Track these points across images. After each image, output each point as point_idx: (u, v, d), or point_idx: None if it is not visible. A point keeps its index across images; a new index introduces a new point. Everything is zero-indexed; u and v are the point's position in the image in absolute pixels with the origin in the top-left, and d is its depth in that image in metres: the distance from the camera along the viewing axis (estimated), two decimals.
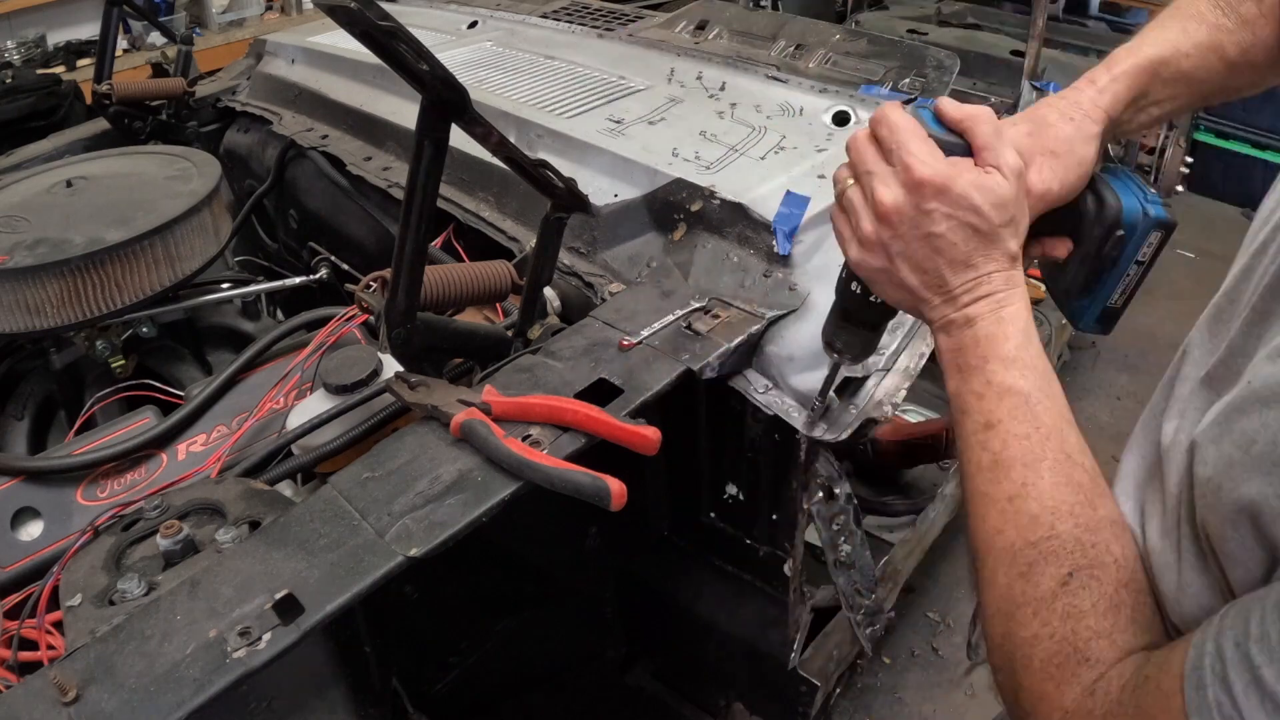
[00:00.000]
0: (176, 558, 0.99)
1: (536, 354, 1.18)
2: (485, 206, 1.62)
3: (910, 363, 1.26)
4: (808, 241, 1.33)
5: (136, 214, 1.49)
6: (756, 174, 1.45)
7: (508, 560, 1.33)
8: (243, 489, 1.09)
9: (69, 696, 0.77)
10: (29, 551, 1.15)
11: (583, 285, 1.42)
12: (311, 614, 0.83)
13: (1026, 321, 0.72)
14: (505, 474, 0.96)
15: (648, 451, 1.00)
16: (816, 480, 1.30)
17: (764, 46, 1.97)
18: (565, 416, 1.03)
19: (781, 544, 1.40)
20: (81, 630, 0.90)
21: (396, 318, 1.15)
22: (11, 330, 1.43)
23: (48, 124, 2.86)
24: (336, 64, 2.15)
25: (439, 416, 1.04)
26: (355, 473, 0.99)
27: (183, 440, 1.27)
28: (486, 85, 1.87)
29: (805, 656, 1.57)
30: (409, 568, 0.88)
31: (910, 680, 2.45)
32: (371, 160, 1.83)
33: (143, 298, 1.48)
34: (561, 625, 1.54)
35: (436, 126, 1.03)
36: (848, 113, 1.61)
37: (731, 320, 1.24)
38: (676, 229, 1.42)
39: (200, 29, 4.44)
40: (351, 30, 0.90)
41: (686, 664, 1.81)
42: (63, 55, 4.05)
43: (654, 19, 2.22)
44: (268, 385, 1.31)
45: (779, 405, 1.22)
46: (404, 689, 1.23)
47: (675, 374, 1.13)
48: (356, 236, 1.91)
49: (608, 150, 1.55)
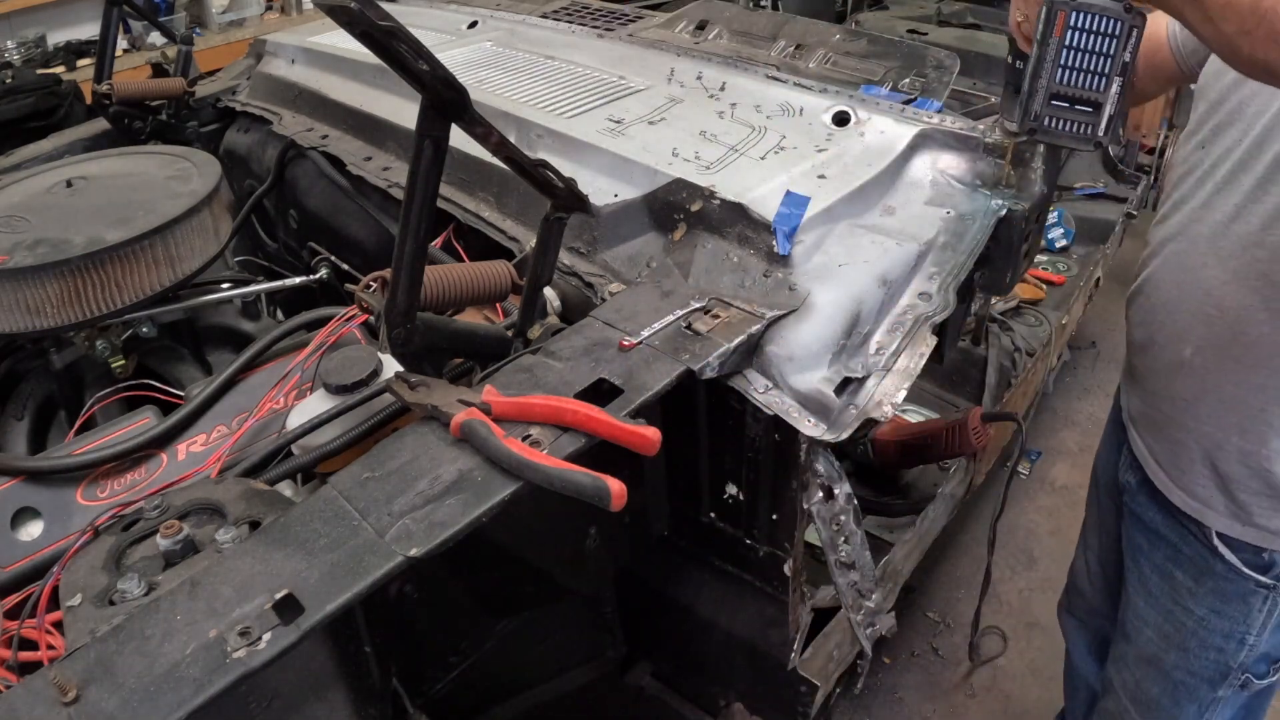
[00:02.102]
0: (176, 558, 0.99)
1: (536, 354, 1.18)
2: (485, 206, 1.62)
3: (910, 363, 1.26)
4: (808, 241, 1.33)
5: (136, 214, 1.49)
6: (756, 174, 1.45)
7: (508, 560, 1.33)
8: (243, 489, 1.09)
9: (69, 696, 0.77)
10: (29, 551, 1.15)
11: (583, 285, 1.42)
12: (311, 614, 0.83)
13: None
14: (505, 474, 0.96)
15: (647, 452, 1.00)
16: (816, 480, 1.30)
17: (764, 46, 1.97)
18: (565, 416, 1.03)
19: (781, 544, 1.40)
20: (81, 630, 0.90)
21: (396, 318, 1.15)
22: (11, 330, 1.43)
23: (48, 124, 2.86)
24: (336, 64, 2.15)
25: (439, 416, 1.04)
26: (355, 473, 0.99)
27: (183, 440, 1.27)
28: (486, 85, 1.87)
29: (805, 656, 1.57)
30: (409, 568, 0.88)
31: (910, 680, 2.46)
32: (371, 160, 1.84)
33: (143, 298, 1.48)
34: (561, 625, 1.54)
35: (436, 126, 1.03)
36: (848, 113, 1.61)
37: (731, 320, 1.24)
38: (676, 229, 1.42)
39: (200, 29, 4.45)
40: (351, 30, 0.90)
41: (686, 664, 1.81)
42: (63, 55, 4.05)
43: (654, 19, 2.22)
44: (268, 385, 1.31)
45: (779, 405, 1.21)
46: (404, 689, 1.23)
47: (675, 374, 1.13)
48: (356, 236, 1.91)
49: (608, 150, 1.55)
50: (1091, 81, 1.00)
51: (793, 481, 1.30)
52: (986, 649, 2.51)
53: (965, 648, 2.46)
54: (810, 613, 1.57)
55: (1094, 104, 1.01)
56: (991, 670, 2.49)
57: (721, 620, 1.58)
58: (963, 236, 1.38)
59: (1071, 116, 1.02)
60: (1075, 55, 0.98)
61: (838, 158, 1.50)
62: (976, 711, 2.39)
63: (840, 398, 1.21)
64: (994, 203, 1.42)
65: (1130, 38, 0.96)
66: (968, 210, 1.42)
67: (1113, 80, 0.99)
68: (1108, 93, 1.00)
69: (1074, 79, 1.00)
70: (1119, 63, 0.98)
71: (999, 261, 1.45)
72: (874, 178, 1.45)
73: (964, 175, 1.48)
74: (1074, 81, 1.00)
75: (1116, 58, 0.98)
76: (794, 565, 1.41)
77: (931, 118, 1.55)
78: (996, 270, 1.47)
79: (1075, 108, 1.01)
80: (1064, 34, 0.97)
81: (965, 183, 1.48)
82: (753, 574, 1.49)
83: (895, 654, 2.51)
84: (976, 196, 1.45)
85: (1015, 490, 2.56)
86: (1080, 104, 1.01)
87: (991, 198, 1.43)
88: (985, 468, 2.43)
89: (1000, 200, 1.42)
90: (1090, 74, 0.99)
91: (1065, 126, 1.03)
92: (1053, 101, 1.01)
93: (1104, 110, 1.01)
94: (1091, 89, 1.00)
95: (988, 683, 2.47)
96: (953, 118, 1.55)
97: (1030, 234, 1.47)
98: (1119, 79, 0.99)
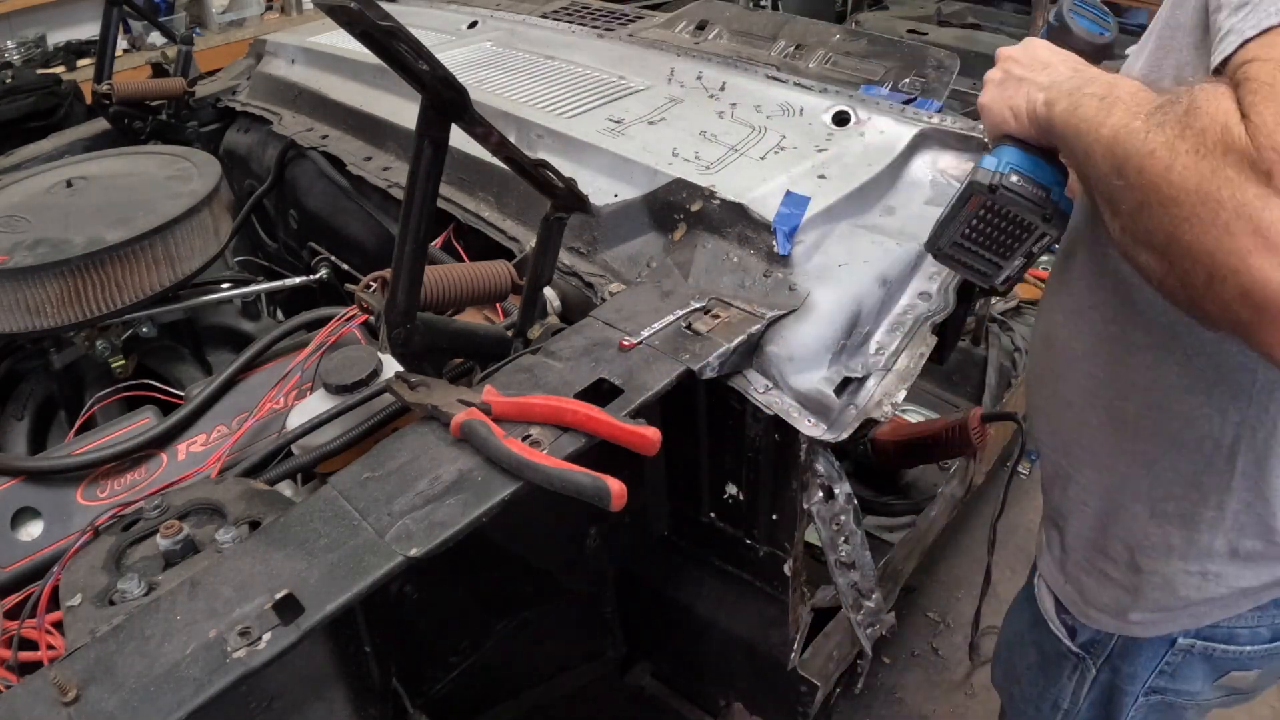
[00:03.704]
0: (176, 558, 0.99)
1: (536, 354, 1.18)
2: (485, 206, 1.63)
3: (910, 363, 1.26)
4: (808, 241, 1.33)
5: (136, 214, 1.49)
6: (756, 174, 1.45)
7: (508, 560, 1.33)
8: (243, 489, 1.09)
9: (69, 696, 0.77)
10: (29, 551, 1.15)
11: (583, 285, 1.42)
12: (311, 614, 0.83)
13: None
14: (505, 474, 0.96)
15: (648, 452, 1.00)
16: (816, 480, 1.30)
17: (764, 46, 1.98)
18: (565, 416, 1.03)
19: (781, 544, 1.40)
20: (81, 630, 0.90)
21: (396, 318, 1.15)
22: (11, 330, 1.43)
23: (48, 124, 2.86)
24: (336, 64, 2.15)
25: (439, 416, 1.04)
26: (355, 473, 0.99)
27: (183, 440, 1.27)
28: (486, 85, 1.87)
29: (805, 656, 1.57)
30: (409, 568, 0.88)
31: (910, 680, 2.45)
32: (371, 160, 1.84)
33: (143, 298, 1.48)
34: (561, 625, 1.54)
35: (436, 126, 1.03)
36: (848, 113, 1.61)
37: (731, 320, 1.24)
38: (676, 229, 1.42)
39: (200, 29, 4.45)
40: (351, 30, 0.91)
41: (686, 664, 1.81)
42: (63, 55, 4.05)
43: (654, 19, 2.22)
44: (268, 385, 1.31)
45: (779, 405, 1.21)
46: (404, 689, 1.23)
47: (675, 374, 1.13)
48: (356, 236, 1.91)
49: (608, 150, 1.55)
50: (995, 249, 1.00)
51: (793, 481, 1.30)
52: (986, 649, 2.51)
53: (965, 648, 2.46)
54: (810, 613, 1.56)
55: (995, 264, 1.02)
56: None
57: (721, 620, 1.58)
58: None
59: (973, 261, 1.03)
60: (984, 229, 0.99)
61: (838, 158, 1.50)
62: (976, 711, 2.38)
63: (840, 398, 1.21)
64: None
65: (1042, 240, 0.97)
66: None
67: (1015, 258, 1.00)
68: (1009, 262, 1.01)
69: (980, 243, 1.00)
70: (1026, 250, 0.99)
71: None
72: (874, 178, 1.45)
73: (964, 175, 1.48)
74: (979, 244, 1.01)
75: (1023, 248, 0.99)
76: (794, 565, 1.41)
77: (931, 118, 1.55)
78: None
79: (978, 255, 1.02)
80: (976, 211, 0.98)
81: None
82: (753, 574, 1.49)
83: (895, 654, 2.51)
84: None
85: (1015, 490, 2.55)
86: (982, 258, 1.02)
87: None
88: (985, 468, 2.43)
89: None
90: (995, 245, 1.00)
91: (967, 264, 1.03)
92: (956, 242, 1.02)
93: (1003, 271, 1.02)
94: (994, 254, 1.01)
95: (988, 683, 2.47)
96: (953, 118, 1.55)
97: None
98: (1022, 260, 1.00)
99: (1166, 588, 1.07)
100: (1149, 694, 1.18)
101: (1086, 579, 1.15)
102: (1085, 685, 1.23)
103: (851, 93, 1.67)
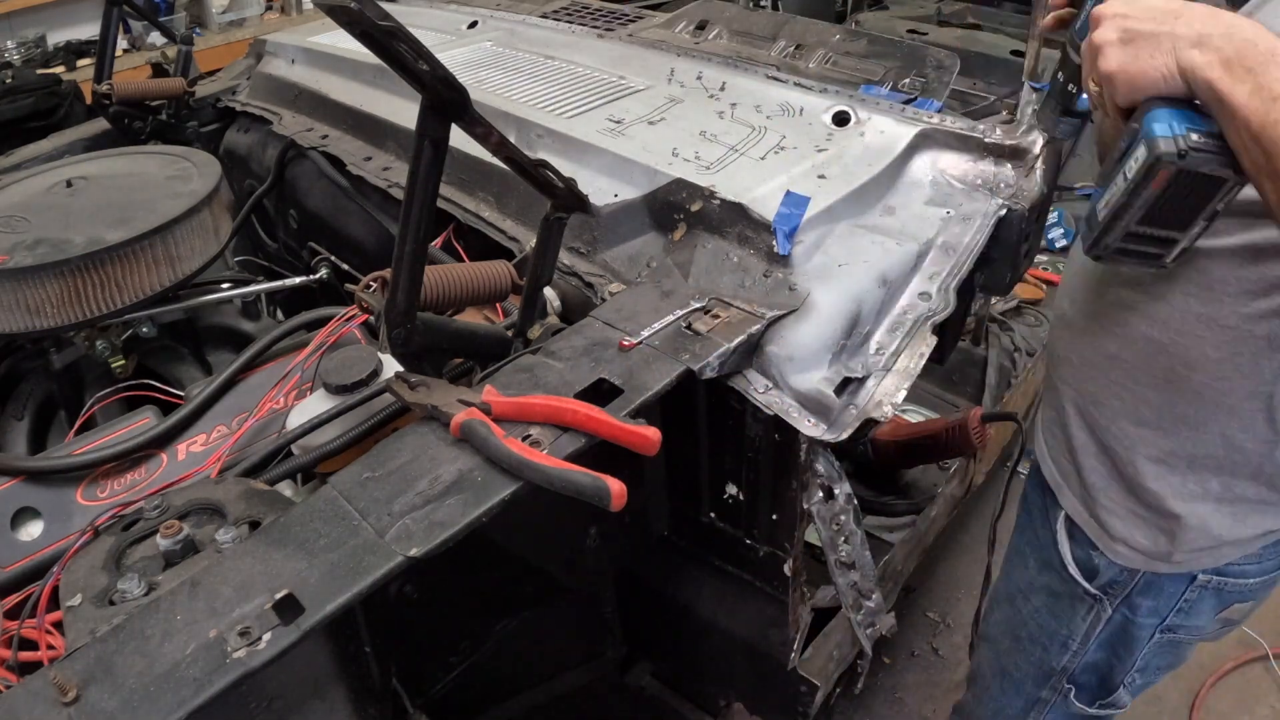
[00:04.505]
0: (176, 558, 0.99)
1: (536, 354, 1.18)
2: (485, 206, 1.62)
3: (910, 363, 1.26)
4: (808, 241, 1.33)
5: (136, 214, 1.49)
6: (756, 174, 1.45)
7: (508, 560, 1.33)
8: (243, 489, 1.09)
9: (69, 696, 0.77)
10: (29, 551, 1.15)
11: (583, 285, 1.42)
12: (311, 614, 0.83)
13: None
14: (505, 474, 0.96)
15: (648, 452, 1.00)
16: (816, 480, 1.30)
17: (764, 46, 1.98)
18: (565, 416, 1.03)
19: (781, 544, 1.40)
20: (81, 630, 0.90)
21: (396, 318, 1.15)
22: (11, 330, 1.43)
23: (48, 124, 2.86)
24: (336, 64, 2.15)
25: (439, 416, 1.04)
26: (355, 473, 0.99)
27: (183, 440, 1.27)
28: (486, 85, 1.87)
29: (805, 656, 1.57)
30: (409, 568, 0.88)
31: (910, 680, 2.46)
32: (371, 160, 1.84)
33: (143, 298, 1.48)
34: (561, 625, 1.54)
35: (436, 126, 1.03)
36: (848, 113, 1.61)
37: (731, 320, 1.24)
38: (676, 229, 1.42)
39: (200, 29, 4.45)
40: (351, 30, 0.90)
41: (686, 664, 1.81)
42: (63, 55, 4.05)
43: (654, 19, 2.22)
44: (268, 385, 1.31)
45: (779, 405, 1.21)
46: (404, 689, 1.23)
47: (675, 374, 1.13)
48: (356, 236, 1.91)
49: (608, 150, 1.55)
50: (1175, 223, 0.91)
51: (793, 481, 1.30)
52: None
53: (965, 648, 2.46)
54: (810, 613, 1.56)
55: (1171, 241, 0.93)
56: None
57: (721, 620, 1.58)
58: (963, 236, 1.39)
59: (1143, 248, 0.94)
60: (1166, 205, 0.90)
61: (838, 158, 1.50)
62: None
63: (840, 398, 1.21)
64: (994, 203, 1.42)
65: (1231, 193, 0.88)
66: (968, 210, 1.42)
67: (1197, 223, 0.91)
68: (1188, 233, 0.92)
69: (1158, 221, 0.91)
70: (1211, 210, 0.90)
71: (999, 261, 1.46)
72: (874, 178, 1.45)
73: (964, 175, 1.48)
74: (1157, 223, 0.92)
75: (1209, 208, 0.89)
76: (794, 565, 1.41)
77: (931, 118, 1.55)
78: (996, 270, 1.47)
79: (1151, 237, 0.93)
80: (1163, 188, 0.88)
81: (965, 183, 1.48)
82: (753, 574, 1.49)
83: (895, 654, 2.51)
84: (976, 196, 1.45)
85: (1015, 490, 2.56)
86: (1156, 240, 0.94)
87: (991, 197, 1.43)
88: (985, 468, 2.43)
89: (1000, 200, 1.42)
90: (1176, 218, 0.91)
91: (1136, 251, 0.95)
92: (1131, 232, 0.93)
93: (1179, 245, 0.93)
94: (1173, 229, 0.92)
95: None
96: (953, 118, 1.55)
97: (1030, 234, 1.47)
98: (1204, 222, 0.91)
99: (1201, 529, 1.17)
100: (1164, 631, 1.28)
101: (1115, 521, 1.24)
102: (1099, 625, 1.32)
103: (851, 93, 1.67)
